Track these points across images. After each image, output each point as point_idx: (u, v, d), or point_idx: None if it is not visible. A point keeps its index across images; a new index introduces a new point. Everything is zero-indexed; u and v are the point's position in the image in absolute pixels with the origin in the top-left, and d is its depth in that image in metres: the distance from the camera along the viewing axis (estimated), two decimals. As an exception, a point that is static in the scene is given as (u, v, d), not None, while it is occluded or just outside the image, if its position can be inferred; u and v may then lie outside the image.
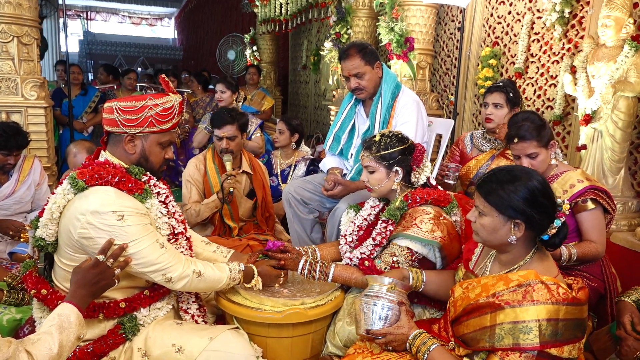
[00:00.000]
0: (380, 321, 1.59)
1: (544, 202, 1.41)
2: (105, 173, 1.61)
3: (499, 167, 1.53)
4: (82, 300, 1.45)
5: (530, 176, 1.43)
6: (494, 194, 1.43)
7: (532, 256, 1.46)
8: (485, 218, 1.46)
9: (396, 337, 1.55)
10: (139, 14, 17.29)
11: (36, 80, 3.56)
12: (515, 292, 1.36)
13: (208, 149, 3.04)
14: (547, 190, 1.43)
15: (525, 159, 2.15)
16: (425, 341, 1.50)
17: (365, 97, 2.75)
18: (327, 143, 2.97)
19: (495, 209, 1.43)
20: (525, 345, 1.31)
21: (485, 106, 2.73)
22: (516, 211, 1.40)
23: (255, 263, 1.99)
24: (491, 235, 1.46)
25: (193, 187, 2.92)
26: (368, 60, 2.63)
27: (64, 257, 1.63)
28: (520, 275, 1.39)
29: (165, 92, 1.74)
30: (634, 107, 2.67)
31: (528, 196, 1.39)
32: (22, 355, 1.22)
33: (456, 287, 1.56)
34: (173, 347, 1.66)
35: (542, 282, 1.35)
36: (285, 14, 6.00)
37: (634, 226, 2.74)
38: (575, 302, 1.34)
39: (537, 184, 1.41)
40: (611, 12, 2.63)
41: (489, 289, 1.42)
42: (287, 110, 8.44)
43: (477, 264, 1.63)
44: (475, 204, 1.51)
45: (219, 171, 2.92)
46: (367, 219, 2.21)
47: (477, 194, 1.49)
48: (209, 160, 2.96)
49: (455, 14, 4.45)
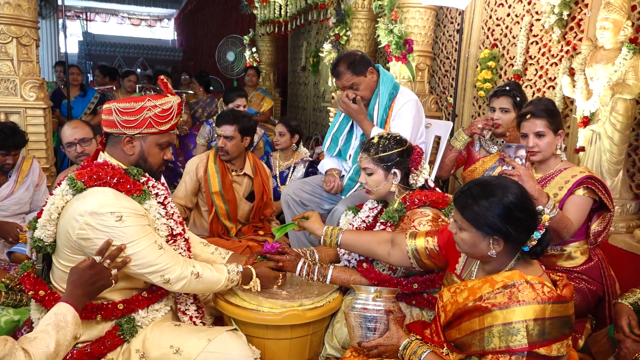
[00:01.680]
0: (370, 332, 1.60)
1: (521, 217, 1.37)
2: (103, 174, 1.61)
3: (475, 180, 1.50)
4: (78, 300, 1.45)
5: (506, 190, 1.39)
6: (469, 209, 1.40)
7: (516, 262, 1.44)
8: (465, 232, 1.44)
9: (387, 348, 1.57)
10: (138, 15, 17.29)
11: (35, 81, 3.56)
12: (501, 293, 1.36)
13: (212, 149, 3.05)
14: (524, 203, 1.39)
15: (532, 137, 2.15)
16: (415, 350, 1.50)
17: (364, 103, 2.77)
18: (325, 145, 2.98)
19: (473, 226, 1.41)
20: (514, 346, 1.31)
21: (492, 111, 2.72)
22: (492, 229, 1.38)
23: (253, 264, 1.99)
24: (472, 249, 1.45)
25: (189, 183, 2.94)
26: (360, 71, 2.65)
27: (62, 258, 1.63)
28: (505, 276, 1.38)
29: (164, 93, 1.74)
30: (632, 110, 2.67)
31: (503, 213, 1.36)
32: (18, 353, 1.22)
33: (444, 291, 1.56)
34: (171, 349, 1.65)
35: (527, 282, 1.35)
36: (285, 15, 6.01)
37: (632, 228, 2.74)
38: (561, 300, 1.34)
39: (512, 198, 1.37)
40: (609, 15, 2.63)
41: (476, 292, 1.42)
42: (287, 112, 8.44)
43: (464, 269, 1.63)
44: (454, 217, 1.49)
45: (219, 172, 2.92)
46: (365, 221, 2.21)
47: (455, 208, 1.47)
48: (210, 161, 2.97)
49: (454, 15, 4.46)
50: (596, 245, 2.21)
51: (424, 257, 1.74)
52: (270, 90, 7.60)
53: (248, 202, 3.02)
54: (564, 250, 2.19)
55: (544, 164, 2.22)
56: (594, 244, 2.20)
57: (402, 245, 1.78)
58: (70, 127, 2.67)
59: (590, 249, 2.21)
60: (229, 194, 2.91)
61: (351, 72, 2.65)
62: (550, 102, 2.26)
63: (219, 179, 2.89)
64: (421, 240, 1.75)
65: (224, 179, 2.92)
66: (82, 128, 2.67)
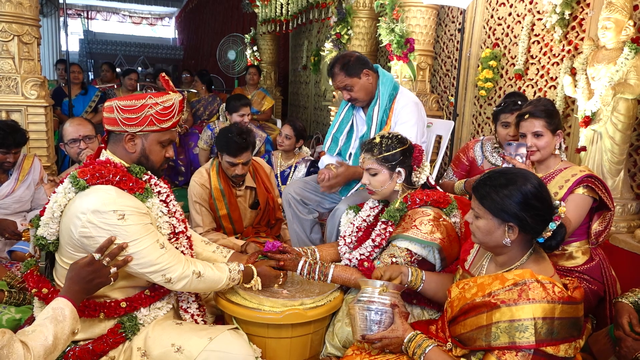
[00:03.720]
0: (375, 325, 1.59)
1: (538, 206, 1.41)
2: (106, 172, 1.61)
3: (495, 170, 1.54)
4: (75, 296, 1.45)
5: (526, 180, 1.43)
6: (488, 197, 1.44)
7: (528, 257, 1.46)
8: (481, 220, 1.48)
9: (392, 341, 1.56)
10: (139, 14, 17.26)
11: (36, 79, 3.56)
12: (511, 290, 1.36)
13: (212, 166, 2.87)
14: (541, 193, 1.43)
15: (530, 137, 2.16)
16: (420, 343, 1.50)
17: (362, 105, 2.77)
18: (325, 145, 2.98)
19: (490, 212, 1.45)
20: (521, 343, 1.31)
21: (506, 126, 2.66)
22: (509, 215, 1.41)
23: (254, 263, 1.99)
24: (486, 237, 1.48)
25: (203, 209, 2.80)
26: (353, 73, 2.64)
27: (65, 256, 1.63)
28: (516, 274, 1.39)
29: (166, 91, 1.74)
30: (634, 109, 2.67)
31: (521, 200, 1.40)
32: (16, 345, 1.22)
33: (453, 287, 1.57)
34: (172, 347, 1.66)
35: (537, 281, 1.35)
36: (286, 14, 6.00)
37: (633, 228, 2.74)
38: (571, 301, 1.35)
39: (531, 187, 1.42)
40: (611, 14, 2.63)
41: (485, 288, 1.43)
42: (287, 111, 8.44)
43: (473, 264, 1.63)
44: (472, 206, 1.52)
45: (225, 193, 2.82)
46: (366, 220, 2.21)
47: (474, 197, 1.50)
48: (213, 180, 2.82)
49: (455, 15, 4.45)
50: (597, 245, 2.21)
51: None
52: (271, 89, 7.60)
53: (252, 210, 2.98)
54: (565, 250, 2.19)
55: (543, 164, 2.22)
56: (595, 244, 2.20)
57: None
58: (74, 124, 2.67)
59: (592, 248, 2.21)
60: (236, 213, 2.85)
61: (344, 74, 2.64)
62: (550, 102, 2.26)
63: (225, 202, 2.81)
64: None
65: (230, 200, 2.83)
66: (86, 125, 2.67)
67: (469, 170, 2.92)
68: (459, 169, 2.96)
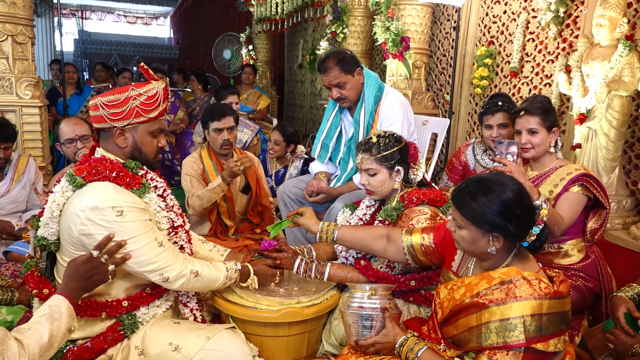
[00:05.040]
0: (366, 331, 1.60)
1: (519, 213, 1.38)
2: (102, 169, 1.61)
3: (472, 177, 1.51)
4: (73, 294, 1.44)
5: (504, 187, 1.40)
6: (468, 207, 1.41)
7: (513, 258, 1.45)
8: (464, 230, 1.44)
9: (384, 346, 1.57)
10: (134, 13, 17.21)
11: (31, 79, 3.54)
12: (498, 289, 1.36)
13: (202, 147, 2.99)
14: (522, 199, 1.40)
15: (525, 134, 2.16)
16: (412, 347, 1.51)
17: (349, 105, 2.71)
18: (315, 152, 2.93)
19: (472, 223, 1.41)
20: (512, 342, 1.32)
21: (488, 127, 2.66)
22: (492, 225, 1.38)
23: (251, 262, 1.99)
24: (471, 246, 1.46)
25: (194, 179, 2.86)
26: (348, 69, 2.57)
27: (66, 255, 1.62)
28: (502, 273, 1.39)
29: (148, 80, 1.71)
30: (628, 106, 2.68)
31: (502, 209, 1.37)
32: (10, 342, 1.21)
33: (441, 288, 1.56)
34: (170, 346, 1.65)
35: (523, 278, 1.35)
36: (281, 13, 5.99)
37: (628, 224, 2.76)
38: (558, 296, 1.35)
39: (511, 194, 1.38)
40: (605, 12, 2.64)
41: (473, 288, 1.42)
42: (283, 110, 8.43)
43: (461, 266, 1.63)
44: (452, 215, 1.49)
45: (217, 169, 2.88)
46: (362, 218, 2.21)
47: (453, 206, 1.47)
48: (205, 158, 2.91)
49: (450, 13, 4.46)
50: (593, 242, 2.22)
51: (419, 253, 1.74)
52: (267, 88, 7.59)
53: (244, 194, 2.99)
54: (560, 248, 2.20)
55: (539, 162, 2.23)
56: (590, 242, 2.21)
57: (397, 241, 1.79)
58: (70, 123, 2.65)
59: (587, 246, 2.22)
60: (228, 191, 2.89)
61: (339, 69, 2.56)
62: (546, 99, 2.26)
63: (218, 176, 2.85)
64: (417, 236, 1.75)
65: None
66: (82, 125, 2.66)
67: (463, 174, 2.92)
68: (453, 173, 2.97)
